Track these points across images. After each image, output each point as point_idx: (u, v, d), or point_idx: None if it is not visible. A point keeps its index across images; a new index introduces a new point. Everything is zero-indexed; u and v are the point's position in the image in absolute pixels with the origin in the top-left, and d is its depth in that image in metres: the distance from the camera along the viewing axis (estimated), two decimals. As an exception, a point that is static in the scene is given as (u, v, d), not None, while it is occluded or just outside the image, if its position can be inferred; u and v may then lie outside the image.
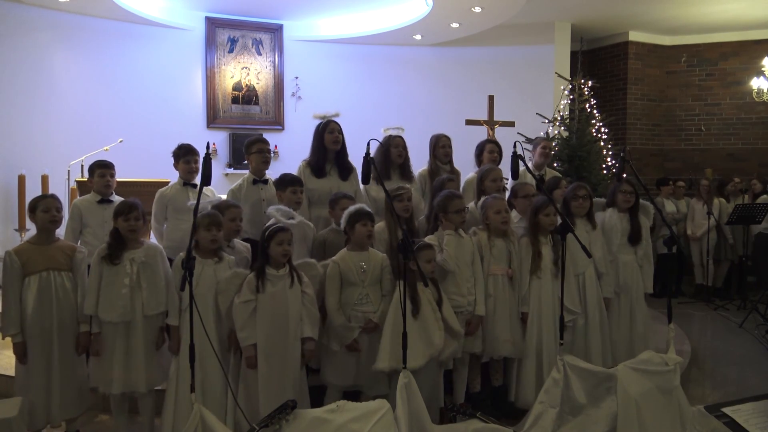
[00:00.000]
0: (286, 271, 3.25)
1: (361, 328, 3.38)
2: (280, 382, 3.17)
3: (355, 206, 3.52)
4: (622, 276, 4.26)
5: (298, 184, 3.86)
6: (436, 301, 3.44)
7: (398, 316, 3.27)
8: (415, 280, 3.35)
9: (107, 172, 4.17)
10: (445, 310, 3.47)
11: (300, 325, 3.25)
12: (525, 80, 8.73)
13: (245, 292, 3.20)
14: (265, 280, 3.21)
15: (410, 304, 3.29)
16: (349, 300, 3.42)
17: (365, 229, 3.43)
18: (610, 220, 4.30)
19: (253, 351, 3.18)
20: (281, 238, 3.21)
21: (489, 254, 3.80)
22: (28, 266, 3.28)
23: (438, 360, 3.45)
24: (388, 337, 3.32)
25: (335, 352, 3.43)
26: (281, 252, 3.21)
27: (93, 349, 3.31)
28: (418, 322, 3.32)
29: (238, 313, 3.20)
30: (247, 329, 3.18)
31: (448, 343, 3.47)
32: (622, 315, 4.27)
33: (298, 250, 3.65)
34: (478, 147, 4.91)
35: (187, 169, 4.24)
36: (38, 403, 3.25)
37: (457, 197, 3.75)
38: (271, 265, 3.24)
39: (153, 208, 4.23)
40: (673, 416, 3.35)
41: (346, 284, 3.43)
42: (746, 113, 9.16)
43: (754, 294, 7.11)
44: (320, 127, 4.23)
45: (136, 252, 3.33)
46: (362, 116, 7.52)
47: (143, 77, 7.90)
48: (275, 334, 3.19)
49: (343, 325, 3.37)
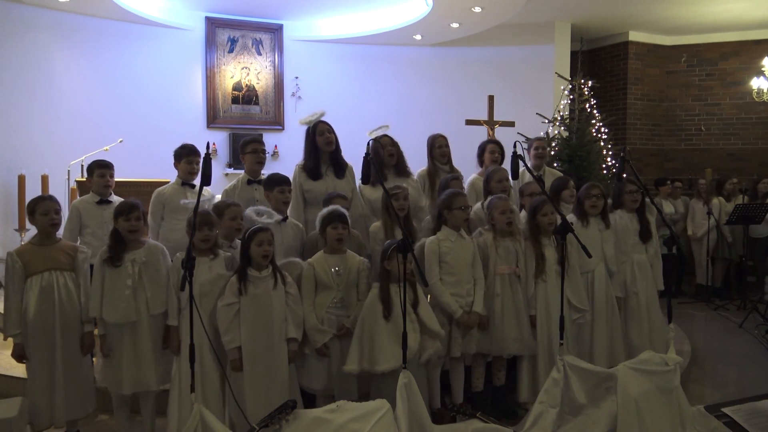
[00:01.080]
0: (269, 272, 3.23)
1: (334, 334, 3.36)
2: (266, 384, 3.16)
3: (328, 208, 3.50)
4: (638, 276, 4.27)
5: (286, 184, 3.83)
6: (412, 302, 3.36)
7: (368, 317, 3.30)
8: (388, 281, 3.34)
9: (107, 172, 4.17)
10: (422, 311, 3.41)
11: (284, 325, 3.24)
12: (525, 80, 8.73)
13: (228, 294, 3.18)
14: (248, 282, 3.18)
15: (381, 306, 3.29)
16: (323, 303, 3.40)
17: (335, 233, 3.41)
18: (621, 222, 4.31)
19: (237, 354, 3.16)
20: (261, 238, 3.19)
21: (495, 254, 3.79)
22: (30, 267, 3.28)
23: (420, 362, 3.38)
24: (357, 339, 3.31)
25: (307, 356, 3.41)
26: (261, 253, 3.18)
27: (101, 351, 3.31)
28: (390, 324, 3.28)
29: (221, 316, 3.18)
30: (231, 332, 3.16)
31: (428, 344, 3.40)
32: (641, 315, 4.26)
33: (284, 249, 3.64)
34: (479, 147, 4.92)
35: (188, 169, 4.21)
36: (41, 403, 3.25)
37: (460, 195, 3.76)
38: (253, 266, 3.21)
39: (150, 207, 4.18)
40: (673, 416, 3.35)
41: (321, 287, 3.41)
42: (746, 113, 9.16)
43: (754, 294, 7.11)
44: (310, 130, 4.21)
45: (137, 252, 3.32)
46: (362, 116, 7.53)
47: (143, 77, 7.89)
48: (260, 336, 3.17)
49: (315, 327, 3.34)
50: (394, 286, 3.32)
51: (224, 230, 3.45)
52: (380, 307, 3.30)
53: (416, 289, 3.42)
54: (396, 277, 3.25)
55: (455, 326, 3.66)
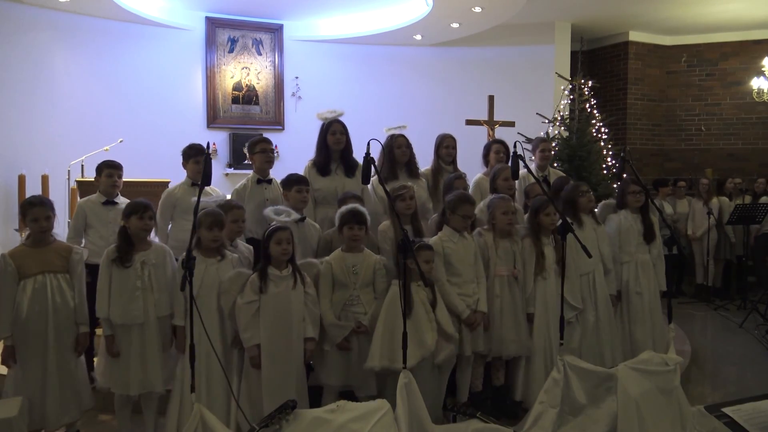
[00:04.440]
0: (289, 271, 3.25)
1: (352, 328, 3.38)
2: (283, 383, 3.18)
3: (347, 207, 3.51)
4: (641, 276, 4.27)
5: (304, 184, 3.86)
6: (431, 302, 3.42)
7: (390, 315, 3.30)
8: (410, 280, 3.34)
9: (115, 173, 4.15)
10: (440, 312, 3.44)
11: (303, 325, 3.26)
12: (525, 80, 8.72)
13: (248, 292, 3.20)
14: (268, 281, 3.21)
15: (402, 304, 3.29)
16: (340, 301, 3.42)
17: (350, 233, 3.44)
18: (625, 222, 4.32)
19: (256, 351, 3.18)
20: (280, 237, 3.21)
21: (495, 255, 3.79)
22: (23, 270, 3.24)
23: (434, 363, 3.42)
24: (379, 335, 3.32)
25: (327, 352, 3.43)
26: (281, 251, 3.21)
27: (108, 351, 3.29)
28: (410, 323, 3.28)
29: (241, 313, 3.20)
30: (251, 330, 3.19)
31: (443, 347, 3.43)
32: (644, 314, 4.27)
33: (302, 249, 3.65)
34: (485, 147, 4.96)
35: (196, 169, 4.17)
36: (33, 405, 3.21)
37: (470, 203, 3.72)
38: (274, 265, 3.24)
39: (159, 208, 4.15)
40: (673, 416, 3.35)
41: (338, 285, 3.44)
42: (746, 113, 9.17)
43: (754, 294, 7.11)
44: (324, 127, 4.27)
45: (147, 254, 3.32)
46: (362, 116, 7.49)
47: (143, 77, 7.88)
48: (278, 335, 3.19)
49: (334, 323, 3.37)
50: (414, 284, 3.36)
51: (226, 231, 3.45)
52: (401, 304, 3.29)
53: (434, 290, 3.45)
54: (416, 276, 3.26)
55: (464, 326, 3.65)
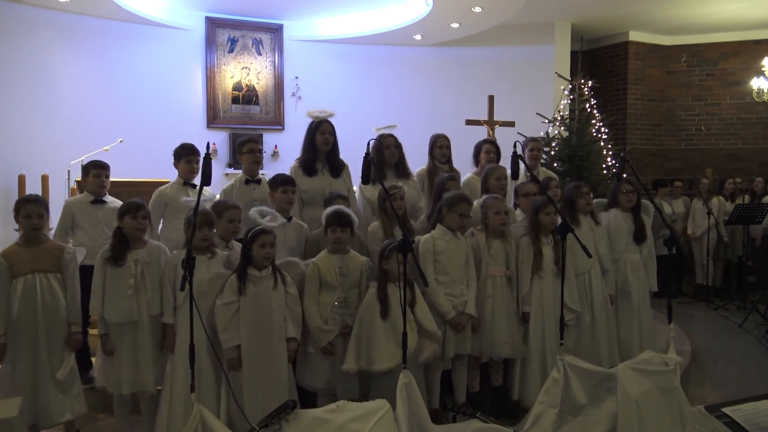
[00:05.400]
0: (269, 271, 3.23)
1: (338, 331, 3.36)
2: (265, 384, 3.16)
3: (332, 209, 3.49)
4: (630, 275, 4.27)
5: (290, 184, 3.81)
6: (409, 302, 3.33)
7: (366, 317, 3.30)
8: (386, 280, 3.34)
9: (102, 173, 4.16)
10: (419, 311, 3.40)
11: (284, 325, 3.24)
12: (525, 80, 8.72)
13: (227, 293, 3.18)
14: (247, 282, 3.18)
15: (378, 305, 3.29)
16: (327, 302, 3.39)
17: (333, 236, 3.43)
18: (615, 220, 4.31)
19: (235, 353, 3.16)
20: (264, 240, 3.18)
21: (487, 255, 3.79)
22: (15, 269, 3.25)
23: (418, 362, 3.37)
24: (354, 338, 3.31)
25: (311, 354, 3.41)
26: (264, 254, 3.18)
27: (103, 350, 3.29)
28: (388, 323, 3.28)
29: (220, 314, 3.17)
30: (230, 331, 3.16)
31: (426, 345, 3.40)
32: (632, 313, 4.28)
33: (289, 249, 3.64)
34: (475, 147, 4.94)
35: (188, 168, 4.21)
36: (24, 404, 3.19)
37: (466, 203, 3.72)
38: (254, 266, 3.21)
39: (150, 206, 4.13)
40: (673, 416, 3.35)
41: (325, 287, 3.41)
42: (746, 113, 9.16)
43: (754, 294, 7.10)
44: (312, 125, 4.23)
45: (140, 252, 3.32)
46: (362, 116, 7.52)
47: (143, 77, 7.89)
48: (259, 336, 3.17)
49: (319, 327, 3.34)
50: (391, 285, 3.32)
51: (221, 231, 3.45)
52: (378, 306, 3.30)
53: (414, 289, 3.41)
54: (394, 277, 3.25)
55: (449, 326, 3.64)
